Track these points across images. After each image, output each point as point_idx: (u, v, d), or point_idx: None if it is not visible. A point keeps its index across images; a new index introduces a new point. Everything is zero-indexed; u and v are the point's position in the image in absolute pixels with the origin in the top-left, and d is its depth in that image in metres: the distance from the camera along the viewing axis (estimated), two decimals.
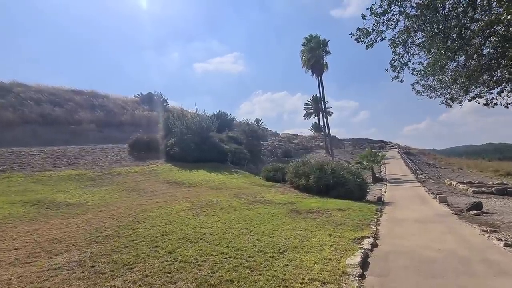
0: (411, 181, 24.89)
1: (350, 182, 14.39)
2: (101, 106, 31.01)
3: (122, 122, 30.37)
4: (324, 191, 15.05)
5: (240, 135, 30.86)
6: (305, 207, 11.12)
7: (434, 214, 10.66)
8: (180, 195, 13.10)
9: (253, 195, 13.74)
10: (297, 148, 40.73)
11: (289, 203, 11.88)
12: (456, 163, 41.94)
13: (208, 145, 25.10)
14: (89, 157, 20.89)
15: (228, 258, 5.24)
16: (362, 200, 14.79)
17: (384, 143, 65.14)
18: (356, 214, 9.92)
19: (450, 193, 19.04)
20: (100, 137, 27.65)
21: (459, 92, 6.56)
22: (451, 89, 6.62)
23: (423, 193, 17.79)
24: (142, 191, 14.31)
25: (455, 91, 6.66)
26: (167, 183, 16.61)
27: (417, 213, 10.81)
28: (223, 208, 10.34)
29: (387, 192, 19.12)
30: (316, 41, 29.38)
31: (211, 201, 11.59)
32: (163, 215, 8.86)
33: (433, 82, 6.72)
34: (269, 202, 12.04)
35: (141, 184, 15.88)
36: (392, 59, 6.08)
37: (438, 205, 13.03)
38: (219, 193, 14.06)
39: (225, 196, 12.89)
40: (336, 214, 9.87)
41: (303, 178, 15.89)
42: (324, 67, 29.51)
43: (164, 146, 24.77)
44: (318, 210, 10.53)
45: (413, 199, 15.46)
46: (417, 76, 6.61)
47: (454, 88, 6.55)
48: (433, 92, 6.99)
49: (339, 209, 10.85)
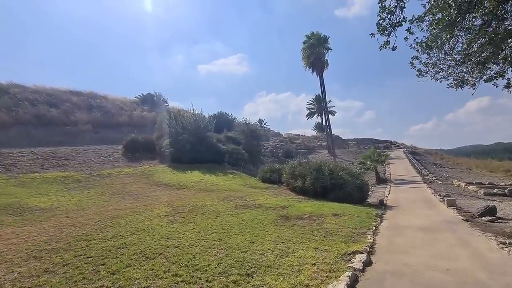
0: (417, 182, 23.40)
1: (349, 184, 13.15)
2: (98, 107, 30.35)
3: (120, 123, 29.62)
4: (321, 193, 13.83)
5: (239, 135, 29.78)
6: (296, 212, 9.95)
7: (442, 220, 9.36)
8: (165, 198, 12.08)
9: (243, 198, 12.63)
10: (298, 148, 39.44)
11: (280, 208, 10.73)
12: (464, 163, 40.02)
13: (204, 146, 24.06)
14: (80, 158, 20.09)
15: (179, 283, 4.13)
16: (363, 203, 13.52)
17: (389, 143, 63.24)
18: (352, 220, 8.71)
19: (459, 195, 17.60)
20: (96, 138, 26.94)
21: (473, 69, 5.17)
22: (462, 66, 5.24)
23: (429, 196, 16.40)
24: (127, 194, 13.33)
25: (467, 69, 5.28)
26: (156, 185, 15.62)
27: (422, 219, 9.53)
28: (205, 213, 9.26)
29: (391, 194, 17.78)
30: (316, 38, 28.10)
31: (195, 205, 10.53)
32: (133, 223, 7.82)
33: (438, 58, 5.38)
34: (259, 206, 10.91)
35: (128, 187, 14.93)
36: (380, 18, 4.74)
37: (446, 209, 11.69)
38: (207, 196, 13.00)
39: (212, 200, 11.82)
40: (329, 220, 8.68)
41: (299, 180, 14.70)
42: (325, 64, 28.21)
43: (159, 146, 23.86)
44: (310, 216, 9.35)
45: (418, 202, 14.12)
46: (417, 48, 5.29)
47: (466, 65, 5.18)
48: (439, 72, 5.65)
49: (334, 215, 9.65)
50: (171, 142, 23.10)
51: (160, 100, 39.15)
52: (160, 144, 23.95)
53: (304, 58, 28.75)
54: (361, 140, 65.25)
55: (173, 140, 23.25)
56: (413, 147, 54.59)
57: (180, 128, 24.31)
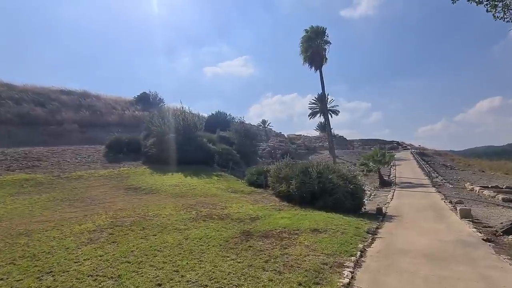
0: (424, 185, 20.71)
1: (339, 189, 10.82)
2: (88, 106, 28.81)
3: (109, 122, 27.97)
4: (308, 200, 11.54)
5: (232, 135, 27.68)
6: (266, 226, 7.73)
7: (455, 239, 6.97)
8: (118, 206, 10.05)
9: (214, 205, 10.49)
10: (299, 149, 37.04)
11: (250, 220, 8.54)
12: (476, 164, 36.74)
13: (193, 146, 22.07)
14: (55, 159, 18.38)
15: None
16: (357, 212, 11.17)
17: (396, 144, 59.83)
18: (332, 240, 6.43)
19: (473, 202, 14.95)
20: (83, 138, 25.31)
21: None
22: None
23: (438, 202, 13.85)
24: (81, 200, 11.38)
25: None
26: (124, 190, 13.65)
27: (428, 238, 7.16)
28: (147, 228, 7.18)
29: (394, 199, 15.29)
30: (313, 31, 25.77)
31: (145, 216, 8.48)
32: (35, 242, 5.81)
33: None
34: (224, 217, 8.75)
35: (90, 191, 13.01)
36: None
37: (459, 221, 9.24)
38: (173, 202, 10.93)
39: (175, 208, 9.75)
40: (302, 240, 6.44)
41: (284, 184, 12.46)
42: (324, 58, 25.86)
43: (145, 147, 21.99)
44: (281, 232, 7.13)
45: (425, 210, 11.65)
46: None
47: None
48: None
49: (314, 230, 7.39)
50: (155, 142, 21.19)
51: (156, 100, 37.47)
52: (145, 144, 22.07)
53: (302, 52, 26.49)
54: (366, 140, 62.03)
55: (158, 139, 21.34)
56: (422, 148, 51.24)
57: (166, 127, 22.43)
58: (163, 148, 20.90)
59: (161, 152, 20.73)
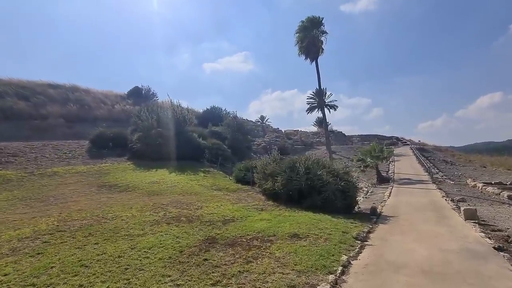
0: (424, 181, 19.47)
1: (329, 186, 9.61)
2: (76, 100, 27.60)
3: (97, 117, 26.79)
4: (296, 198, 10.34)
5: (224, 130, 26.46)
6: (239, 230, 6.55)
7: (460, 248, 5.76)
8: (79, 206, 8.88)
9: (189, 205, 9.32)
10: (295, 144, 35.76)
11: (222, 222, 7.36)
12: (477, 160, 35.44)
13: (181, 141, 20.87)
14: (33, 155, 17.23)
15: None
16: (349, 212, 9.96)
17: (396, 139, 58.38)
18: (311, 251, 5.23)
19: (476, 199, 13.73)
20: (69, 133, 24.13)
21: None
22: None
23: (439, 200, 12.63)
24: (44, 199, 10.22)
25: None
26: (98, 187, 12.49)
27: (427, 246, 5.95)
28: (96, 233, 6.02)
29: (391, 197, 14.08)
30: (309, 20, 24.35)
31: (103, 218, 7.32)
32: None
33: None
34: (195, 219, 7.58)
35: (59, 189, 11.85)
36: None
37: (463, 223, 8.02)
38: (146, 201, 9.78)
39: (142, 208, 8.60)
40: (275, 250, 5.25)
41: (270, 180, 11.26)
42: (320, 49, 24.43)
43: (130, 142, 20.81)
44: (252, 239, 5.94)
45: (424, 210, 10.44)
46: None
47: None
48: None
49: (293, 236, 6.20)
50: (141, 136, 20.00)
51: (149, 94, 36.22)
52: (131, 139, 20.88)
53: (297, 42, 25.09)
54: (366, 136, 60.64)
55: (144, 134, 20.15)
56: (421, 144, 49.87)
57: (154, 121, 21.23)
58: (149, 143, 19.72)
59: (147, 147, 19.56)
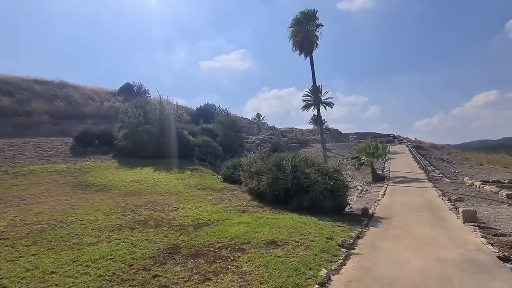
0: (420, 180, 18.78)
1: (317, 185, 8.82)
2: (64, 96, 26.60)
3: (85, 114, 25.82)
4: (282, 199, 9.56)
5: (216, 127, 25.61)
6: (210, 237, 5.74)
7: (460, 258, 4.99)
8: (43, 208, 8.04)
9: (164, 206, 8.51)
10: (290, 142, 34.97)
11: (194, 227, 6.55)
12: (473, 158, 34.91)
13: (170, 138, 20.03)
14: (11, 153, 16.32)
15: None
16: (339, 213, 9.18)
17: (392, 137, 57.84)
18: (286, 263, 4.44)
19: (474, 198, 13.02)
20: (55, 130, 23.16)
21: None
22: None
23: (435, 199, 11.89)
24: (8, 199, 9.36)
25: None
26: (73, 187, 11.63)
27: (423, 255, 5.19)
28: (44, 240, 5.22)
29: (385, 196, 13.36)
30: (303, 13, 23.51)
31: (61, 222, 6.51)
32: None
33: None
34: (164, 222, 6.77)
35: (30, 189, 10.98)
36: None
37: (462, 227, 7.27)
38: (119, 202, 8.96)
39: (110, 211, 7.78)
40: (244, 262, 4.46)
41: (255, 179, 10.46)
42: (314, 44, 23.61)
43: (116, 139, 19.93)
44: (222, 248, 5.14)
45: (419, 210, 9.69)
46: None
47: None
48: None
49: (270, 243, 5.41)
50: (127, 133, 19.12)
51: (141, 91, 35.25)
52: (117, 136, 20.00)
53: (291, 37, 24.27)
54: (362, 134, 60.03)
55: (130, 131, 19.26)
56: (418, 141, 49.27)
57: (141, 118, 20.35)
58: (135, 140, 18.86)
59: (133, 145, 18.70)
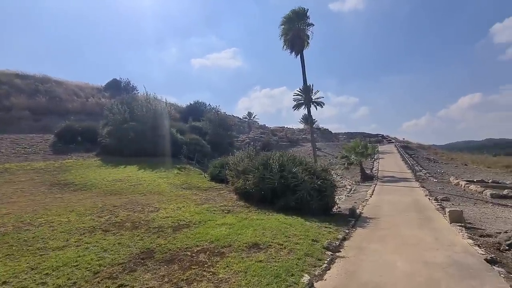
0: (408, 179, 18.90)
1: (304, 185, 8.57)
2: (46, 91, 25.54)
3: (69, 110, 24.88)
4: (269, 198, 9.28)
5: (205, 125, 25.13)
6: (188, 240, 5.39)
7: (448, 261, 4.82)
8: (11, 209, 7.49)
9: (144, 207, 8.09)
10: (280, 141, 34.80)
11: (173, 229, 6.18)
12: (459, 158, 35.73)
13: (157, 136, 19.46)
14: None
15: None
16: (326, 213, 8.97)
17: (381, 137, 58.61)
18: (267, 268, 4.15)
19: (459, 198, 13.11)
20: (36, 126, 22.21)
21: None
22: None
23: (422, 199, 11.87)
24: None
25: None
26: (50, 186, 11.02)
27: (410, 258, 5.00)
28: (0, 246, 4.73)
29: (374, 196, 13.28)
30: (294, 11, 23.34)
31: (29, 224, 6.03)
32: None
33: None
34: (142, 224, 6.37)
35: (3, 188, 10.32)
36: None
37: (449, 228, 7.17)
38: (99, 202, 8.48)
39: (85, 212, 7.31)
40: (221, 268, 4.14)
41: (242, 178, 10.14)
42: (305, 42, 23.48)
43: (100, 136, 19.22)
44: (201, 252, 4.80)
45: (407, 210, 9.59)
46: None
47: None
48: None
49: (252, 246, 5.11)
50: (111, 130, 18.44)
51: (129, 87, 34.31)
52: (101, 133, 19.29)
53: (282, 34, 24.05)
54: (352, 134, 60.63)
55: (115, 128, 18.59)
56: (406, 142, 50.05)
57: (127, 114, 19.69)
58: (120, 137, 18.21)
59: (118, 142, 18.06)
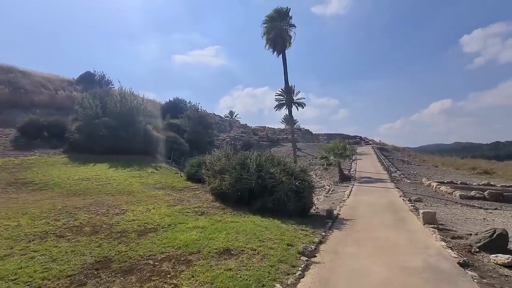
0: (383, 180, 19.33)
1: (281, 186, 8.31)
2: (9, 82, 23.51)
3: (35, 103, 23.07)
4: (246, 199, 8.93)
5: (184, 122, 24.33)
6: (155, 245, 4.91)
7: (423, 265, 4.73)
8: None
9: (109, 208, 7.44)
10: (261, 140, 34.60)
11: (138, 233, 5.66)
12: (430, 160, 37.53)
13: (131, 132, 18.44)
14: None
15: None
16: (304, 215, 8.77)
17: (359, 139, 60.32)
18: (236, 278, 3.80)
19: (431, 199, 13.50)
20: None
21: None
22: None
23: (397, 200, 12.07)
24: None
25: None
26: (7, 185, 9.96)
27: (386, 263, 4.86)
28: None
29: (351, 196, 13.34)
30: (277, 11, 23.18)
31: None
32: None
33: None
34: (103, 228, 5.78)
35: None
36: None
37: (422, 229, 7.20)
38: (59, 203, 7.70)
39: (40, 215, 6.58)
40: (186, 279, 3.73)
41: (218, 178, 9.71)
42: (287, 42, 23.38)
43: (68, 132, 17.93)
44: (165, 259, 4.35)
45: (382, 211, 9.64)
46: None
47: None
48: None
49: (224, 252, 4.73)
50: (81, 126, 17.25)
51: (103, 81, 32.56)
52: (70, 128, 18.00)
53: (264, 33, 23.80)
54: (331, 135, 61.86)
55: (85, 123, 17.41)
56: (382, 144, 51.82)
57: (99, 109, 18.53)
58: (91, 133, 17.06)
59: (88, 139, 16.89)
